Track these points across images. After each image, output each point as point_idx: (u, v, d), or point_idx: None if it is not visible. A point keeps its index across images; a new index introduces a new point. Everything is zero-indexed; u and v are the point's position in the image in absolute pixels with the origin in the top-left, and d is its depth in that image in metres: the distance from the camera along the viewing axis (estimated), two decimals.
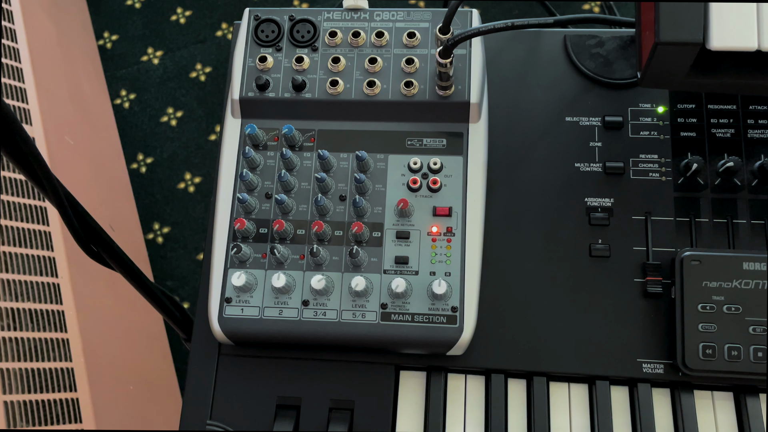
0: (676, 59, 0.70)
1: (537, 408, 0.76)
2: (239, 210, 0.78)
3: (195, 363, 0.79)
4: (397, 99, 0.78)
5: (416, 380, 0.79)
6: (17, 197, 1.29)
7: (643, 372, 0.76)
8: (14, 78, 1.44)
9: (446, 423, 0.77)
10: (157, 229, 2.01)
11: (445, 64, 0.74)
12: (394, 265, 0.75)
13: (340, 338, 0.74)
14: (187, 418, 0.77)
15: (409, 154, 0.79)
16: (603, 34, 0.88)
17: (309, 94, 0.80)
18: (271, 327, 0.75)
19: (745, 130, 0.82)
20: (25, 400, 1.15)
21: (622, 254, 0.79)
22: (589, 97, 0.85)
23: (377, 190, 0.78)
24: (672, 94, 0.84)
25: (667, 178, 0.81)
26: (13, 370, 1.14)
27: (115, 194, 1.93)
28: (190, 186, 2.05)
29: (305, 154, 0.80)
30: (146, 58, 2.19)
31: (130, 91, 2.16)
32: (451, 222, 0.76)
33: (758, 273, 0.74)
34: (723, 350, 0.73)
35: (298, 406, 0.77)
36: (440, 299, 0.74)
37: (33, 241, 1.29)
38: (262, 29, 0.82)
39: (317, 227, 0.75)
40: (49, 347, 1.24)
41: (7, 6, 1.50)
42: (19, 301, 1.21)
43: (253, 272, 0.76)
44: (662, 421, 0.76)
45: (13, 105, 1.40)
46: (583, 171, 0.83)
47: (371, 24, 0.81)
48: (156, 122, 2.12)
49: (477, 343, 0.76)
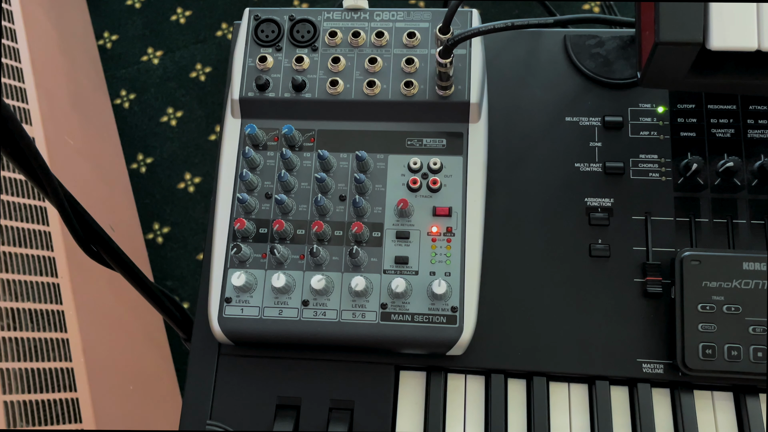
0: (676, 59, 0.69)
1: (537, 408, 0.76)
2: (239, 210, 0.78)
3: (195, 363, 0.79)
4: (397, 99, 0.78)
5: (416, 380, 0.79)
6: (17, 197, 1.29)
7: (643, 372, 0.76)
8: (14, 78, 1.44)
9: (446, 423, 0.77)
10: (157, 229, 2.01)
11: (445, 64, 0.74)
12: (394, 265, 0.75)
13: (340, 338, 0.74)
14: (187, 418, 0.77)
15: (409, 154, 0.79)
16: (603, 34, 0.88)
17: (309, 94, 0.80)
18: (271, 327, 0.75)
19: (745, 130, 0.82)
20: (25, 400, 1.15)
21: (622, 254, 0.79)
22: (589, 97, 0.85)
23: (377, 190, 0.78)
24: (672, 94, 0.84)
25: (667, 178, 0.81)
26: (13, 370, 1.14)
27: (115, 194, 1.93)
28: (190, 186, 2.05)
29: (305, 154, 0.80)
30: (146, 58, 2.19)
31: (130, 91, 2.16)
32: (451, 222, 0.76)
33: (758, 273, 0.74)
34: (723, 350, 0.73)
35: (298, 406, 0.77)
36: (440, 299, 0.74)
37: (33, 241, 1.29)
38: (262, 29, 0.82)
39: (317, 227, 0.75)
40: (49, 347, 1.24)
41: (7, 6, 1.50)
42: (19, 301, 1.21)
43: (253, 272, 0.76)
44: (662, 421, 0.76)
45: (13, 105, 1.40)
46: (583, 171, 0.83)
47: (371, 24, 0.81)
48: (156, 122, 2.12)
49: (477, 343, 0.76)
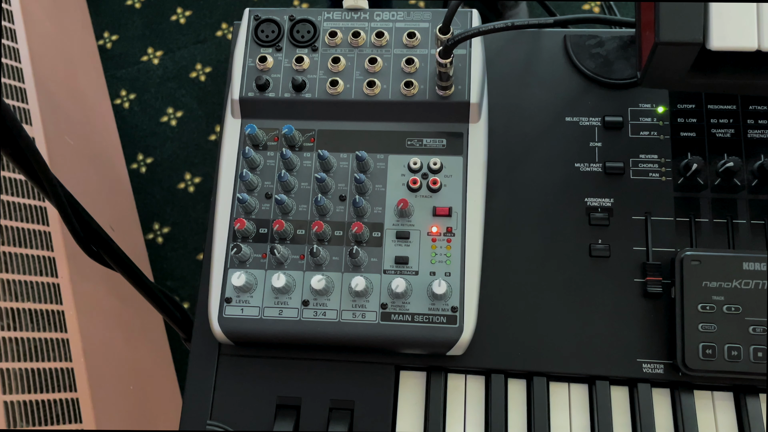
0: (676, 59, 0.69)
1: (537, 408, 0.76)
2: (239, 210, 0.78)
3: (195, 363, 0.79)
4: (397, 99, 0.78)
5: (416, 380, 0.79)
6: (17, 197, 1.29)
7: (643, 372, 0.76)
8: (14, 78, 1.44)
9: (446, 423, 0.77)
10: (157, 229, 2.01)
11: (445, 64, 0.74)
12: (394, 265, 0.75)
13: (340, 338, 0.74)
14: (187, 418, 0.77)
15: (409, 154, 0.79)
16: (603, 34, 0.88)
17: (309, 94, 0.80)
18: (271, 327, 0.75)
19: (745, 130, 0.82)
20: (25, 400, 1.15)
21: (622, 254, 0.79)
22: (589, 97, 0.85)
23: (377, 190, 0.78)
24: (672, 94, 0.84)
25: (667, 178, 0.81)
26: (13, 370, 1.14)
27: (115, 194, 1.93)
28: (190, 186, 2.05)
29: (305, 154, 0.80)
30: (146, 58, 2.19)
31: (130, 91, 2.16)
32: (451, 222, 0.76)
33: (758, 273, 0.74)
34: (723, 350, 0.73)
35: (298, 406, 0.77)
36: (440, 299, 0.74)
37: (33, 241, 1.29)
38: (262, 29, 0.82)
39: (317, 227, 0.75)
40: (49, 347, 1.24)
41: (7, 6, 1.50)
42: (19, 301, 1.21)
43: (253, 272, 0.76)
44: (662, 421, 0.76)
45: (13, 105, 1.40)
46: (583, 171, 0.83)
47: (371, 24, 0.81)
48: (156, 122, 2.12)
49: (477, 343, 0.76)
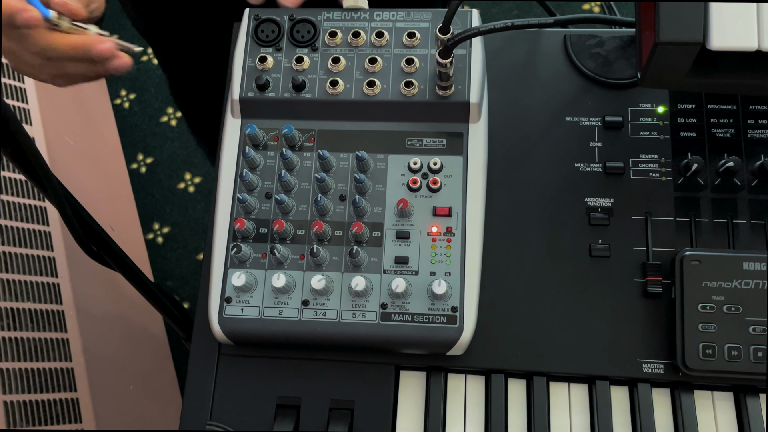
0: (676, 59, 0.69)
1: (537, 408, 0.76)
2: (239, 210, 0.78)
3: (195, 363, 0.79)
4: (397, 99, 0.78)
5: (416, 380, 0.79)
6: (17, 197, 1.29)
7: (643, 372, 0.76)
8: (14, 78, 1.44)
9: (446, 423, 0.77)
10: (157, 229, 2.01)
11: (445, 64, 0.74)
12: (394, 265, 0.75)
13: (340, 338, 0.74)
14: (187, 418, 0.77)
15: (409, 154, 0.79)
16: (603, 34, 0.88)
17: (309, 94, 0.80)
18: (271, 327, 0.75)
19: (745, 130, 0.82)
20: (25, 400, 1.15)
21: (622, 254, 0.79)
22: (589, 97, 0.85)
23: (377, 190, 0.78)
24: (672, 94, 0.84)
25: (667, 178, 0.81)
26: (13, 370, 1.14)
27: (115, 194, 1.93)
28: (190, 186, 2.05)
29: (305, 154, 0.80)
30: (146, 58, 2.19)
31: (130, 91, 2.16)
32: (451, 222, 0.76)
33: (758, 273, 0.74)
34: (723, 350, 0.73)
35: (298, 406, 0.77)
36: (440, 299, 0.74)
37: (33, 241, 1.29)
38: (262, 29, 0.82)
39: (317, 227, 0.75)
40: (49, 347, 1.24)
41: None
42: (19, 301, 1.21)
43: (253, 272, 0.76)
44: (662, 421, 0.76)
45: (13, 105, 1.40)
46: (583, 171, 0.83)
47: (371, 24, 0.81)
48: (156, 122, 2.12)
49: (477, 343, 0.76)
